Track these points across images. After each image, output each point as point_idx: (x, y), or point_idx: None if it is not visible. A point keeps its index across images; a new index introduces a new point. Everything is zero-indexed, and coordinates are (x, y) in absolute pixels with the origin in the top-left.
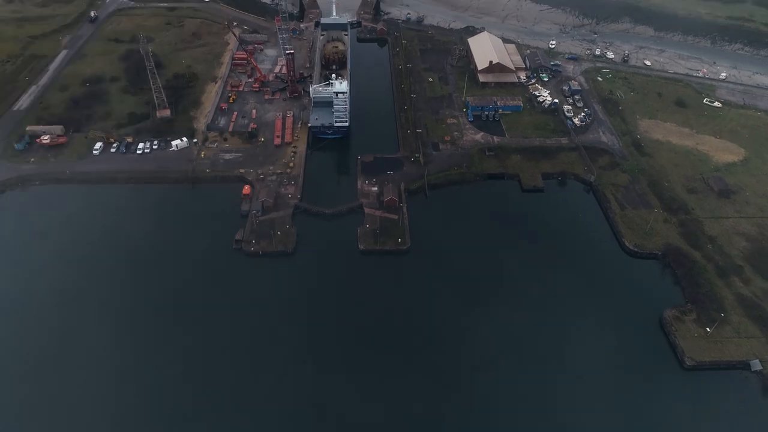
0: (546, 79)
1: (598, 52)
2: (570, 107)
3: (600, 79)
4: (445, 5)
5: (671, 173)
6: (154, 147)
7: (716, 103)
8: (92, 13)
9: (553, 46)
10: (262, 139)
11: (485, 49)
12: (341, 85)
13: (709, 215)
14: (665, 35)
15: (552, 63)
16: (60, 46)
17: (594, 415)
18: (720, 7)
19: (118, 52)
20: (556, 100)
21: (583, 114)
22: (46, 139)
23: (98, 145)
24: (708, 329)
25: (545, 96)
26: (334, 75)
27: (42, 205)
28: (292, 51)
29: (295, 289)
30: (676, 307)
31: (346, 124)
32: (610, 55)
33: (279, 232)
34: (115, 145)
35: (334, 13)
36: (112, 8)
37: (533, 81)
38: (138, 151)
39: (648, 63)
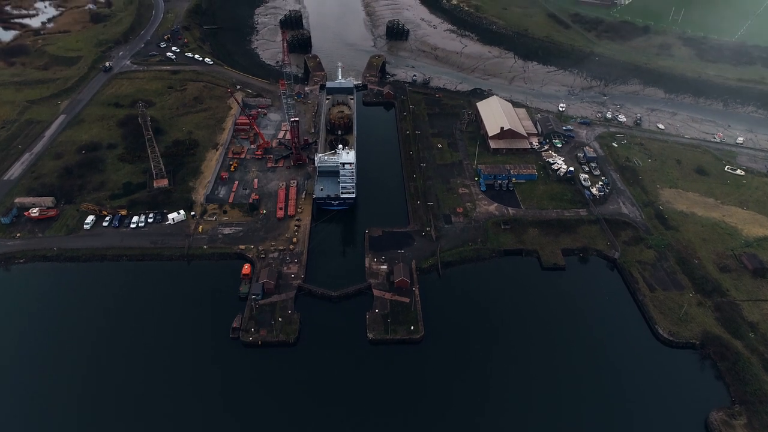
0: (559, 146)
1: (609, 115)
2: (586, 176)
3: (615, 144)
4: (451, 66)
5: (700, 249)
6: (149, 220)
7: (738, 171)
8: (107, 63)
9: (563, 108)
10: (264, 211)
11: (495, 114)
12: (348, 155)
13: (747, 297)
14: (676, 97)
15: (564, 128)
16: (58, 110)
17: None
18: (729, 69)
19: (117, 116)
20: (571, 168)
21: (600, 183)
22: (34, 212)
23: (90, 218)
24: None
25: (560, 163)
26: (341, 145)
27: (25, 286)
28: (297, 119)
29: (298, 385)
30: (723, 409)
31: (353, 195)
32: (622, 118)
33: (280, 319)
34: (107, 218)
35: (340, 77)
36: (114, 72)
37: (546, 147)
38: (132, 225)
39: (661, 126)
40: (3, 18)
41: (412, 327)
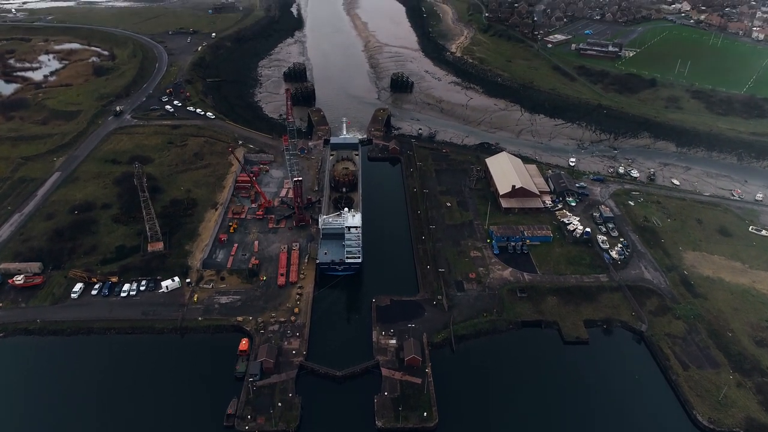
0: (573, 204)
1: (621, 170)
2: (605, 237)
3: (631, 203)
4: (457, 119)
5: (732, 320)
6: (141, 288)
7: (764, 232)
8: (118, 108)
9: (573, 163)
10: (264, 277)
11: (506, 171)
12: (354, 219)
13: None
14: (688, 151)
15: (578, 185)
16: (53, 167)
17: None
18: (741, 122)
19: (114, 174)
20: (588, 229)
21: (620, 246)
22: (19, 279)
23: (78, 286)
24: None
25: (576, 224)
26: (346, 208)
27: (4, 363)
28: (300, 179)
29: None
30: None
31: (359, 260)
32: (635, 173)
33: (280, 404)
34: (97, 286)
35: (345, 132)
36: (113, 126)
37: (560, 206)
38: (123, 294)
39: (676, 182)
40: (6, 71)
41: (425, 413)
